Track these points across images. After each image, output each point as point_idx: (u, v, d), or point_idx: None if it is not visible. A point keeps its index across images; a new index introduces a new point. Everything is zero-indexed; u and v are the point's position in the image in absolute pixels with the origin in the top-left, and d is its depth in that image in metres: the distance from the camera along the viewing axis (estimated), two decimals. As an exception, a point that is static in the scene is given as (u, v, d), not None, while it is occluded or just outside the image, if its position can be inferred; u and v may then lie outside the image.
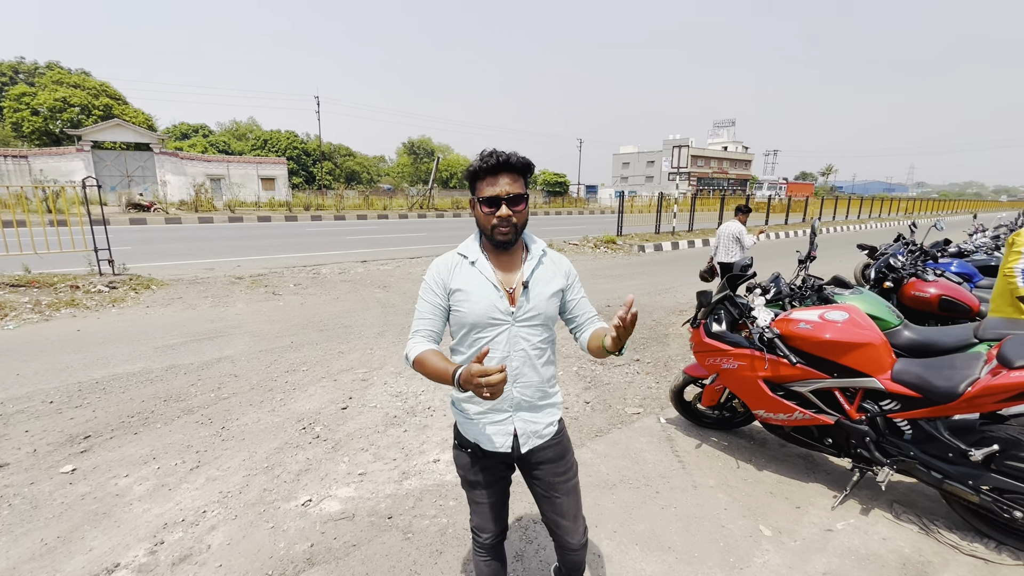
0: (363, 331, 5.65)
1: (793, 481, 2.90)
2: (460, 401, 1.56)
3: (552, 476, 1.59)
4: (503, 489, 1.66)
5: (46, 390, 3.91)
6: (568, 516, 1.62)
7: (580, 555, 1.68)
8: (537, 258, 1.54)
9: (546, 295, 1.51)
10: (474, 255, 1.51)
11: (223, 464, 2.96)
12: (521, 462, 1.60)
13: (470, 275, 1.49)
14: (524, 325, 1.48)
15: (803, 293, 3.52)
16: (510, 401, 1.51)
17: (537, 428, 1.55)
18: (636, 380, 4.43)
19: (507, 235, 1.44)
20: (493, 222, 1.42)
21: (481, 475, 1.59)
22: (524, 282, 1.48)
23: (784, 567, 2.22)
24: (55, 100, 31.17)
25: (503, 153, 1.40)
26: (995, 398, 2.17)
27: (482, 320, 1.46)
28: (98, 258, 7.48)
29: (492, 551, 1.69)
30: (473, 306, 1.46)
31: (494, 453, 1.54)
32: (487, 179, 1.42)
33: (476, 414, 1.53)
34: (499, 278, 1.49)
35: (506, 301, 1.46)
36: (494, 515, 1.64)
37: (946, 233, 6.95)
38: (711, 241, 15.46)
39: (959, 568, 2.22)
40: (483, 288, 1.47)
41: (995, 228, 9.75)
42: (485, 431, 1.53)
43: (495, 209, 1.41)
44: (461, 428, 1.59)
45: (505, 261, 1.52)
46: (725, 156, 72.71)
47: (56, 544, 2.27)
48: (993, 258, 6.15)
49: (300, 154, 47.02)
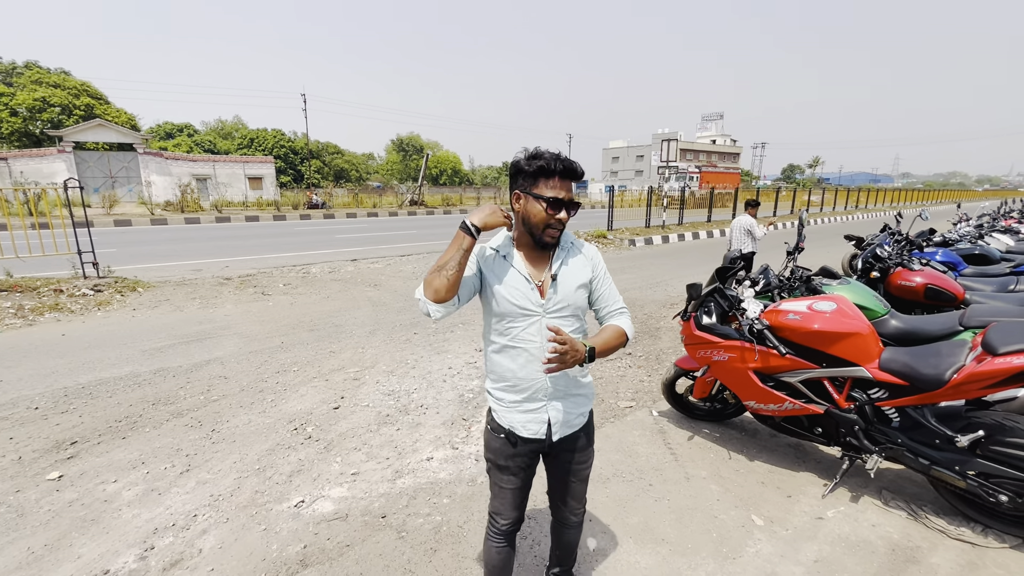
0: (354, 330, 5.62)
1: (784, 471, 2.93)
2: (496, 390, 1.62)
3: (573, 464, 1.69)
4: (529, 476, 1.70)
5: (31, 396, 3.84)
6: (576, 498, 1.76)
7: (576, 532, 1.84)
8: (567, 250, 1.59)
9: (573, 287, 1.56)
10: (506, 250, 1.57)
11: (214, 467, 2.93)
12: (550, 449, 1.65)
13: (503, 267, 1.55)
14: (554, 316, 1.54)
15: (792, 284, 3.54)
16: (544, 391, 1.57)
17: (569, 417, 1.62)
18: (628, 374, 4.45)
19: (556, 237, 1.51)
20: (550, 222, 1.47)
21: (512, 461, 1.63)
22: (553, 275, 1.54)
23: (776, 555, 2.25)
24: (34, 100, 30.53)
25: (567, 158, 1.46)
26: (980, 384, 2.21)
27: (513, 311, 1.52)
28: (82, 261, 7.35)
29: (507, 538, 1.74)
30: (506, 297, 1.51)
31: (528, 440, 1.60)
32: (555, 180, 1.45)
33: (512, 402, 1.59)
34: (529, 271, 1.54)
35: (536, 293, 1.52)
36: (516, 501, 1.69)
37: (931, 223, 7.04)
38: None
39: (947, 552, 2.26)
40: (514, 280, 1.52)
41: (978, 217, 9.91)
42: (520, 418, 1.58)
43: (556, 211, 1.46)
44: (496, 415, 1.64)
45: (537, 256, 1.57)
46: (714, 149, 73.05)
47: (43, 552, 2.24)
48: (977, 247, 6.24)
49: (287, 152, 46.59)
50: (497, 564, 1.76)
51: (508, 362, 1.56)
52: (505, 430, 1.61)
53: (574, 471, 1.70)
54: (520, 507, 1.71)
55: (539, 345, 1.52)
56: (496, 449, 1.65)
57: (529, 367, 1.54)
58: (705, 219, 18.63)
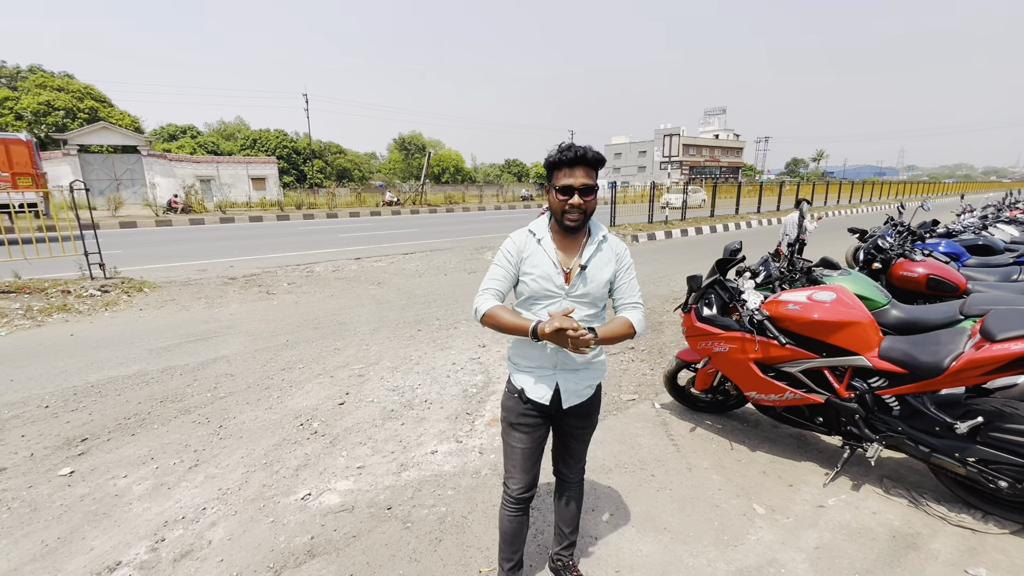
0: (358, 327, 5.66)
1: (786, 460, 2.95)
2: (515, 356, 1.78)
3: (575, 428, 1.84)
4: (538, 439, 1.81)
5: (41, 395, 3.90)
6: (575, 457, 1.91)
7: (575, 495, 1.97)
8: (597, 243, 1.69)
9: (600, 281, 1.67)
10: (541, 233, 1.70)
11: (222, 462, 2.97)
12: (557, 413, 1.78)
13: (536, 251, 1.68)
14: (576, 301, 1.65)
15: (792, 276, 3.55)
16: (554, 362, 1.71)
17: (578, 388, 1.74)
18: (631, 367, 4.47)
19: (576, 221, 1.61)
20: (565, 208, 1.59)
21: (521, 419, 1.77)
22: (582, 264, 1.65)
23: (777, 543, 2.27)
24: (39, 104, 30.76)
25: (580, 147, 1.56)
26: (979, 371, 2.22)
27: (539, 292, 1.65)
28: (89, 262, 7.43)
29: (519, 505, 1.85)
30: (534, 279, 1.65)
31: (535, 402, 1.73)
32: (564, 170, 1.58)
33: (526, 367, 1.75)
34: (559, 257, 1.67)
35: (562, 278, 1.65)
36: (526, 464, 1.81)
37: (935, 214, 7.03)
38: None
39: (947, 538, 2.27)
40: (544, 264, 1.65)
41: (983, 208, 9.84)
42: (530, 380, 1.73)
43: (568, 197, 1.57)
44: (512, 377, 1.80)
45: (568, 243, 1.69)
46: (717, 144, 72.74)
47: (57, 545, 2.29)
48: (981, 237, 6.22)
49: (290, 153, 46.70)
50: (510, 531, 1.88)
51: None
52: (518, 390, 1.76)
53: (575, 434, 1.85)
54: (529, 471, 1.82)
55: None
56: (509, 407, 1.81)
57: (545, 344, 1.64)
58: (708, 214, 18.60)
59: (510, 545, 1.89)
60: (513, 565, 1.92)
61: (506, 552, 1.91)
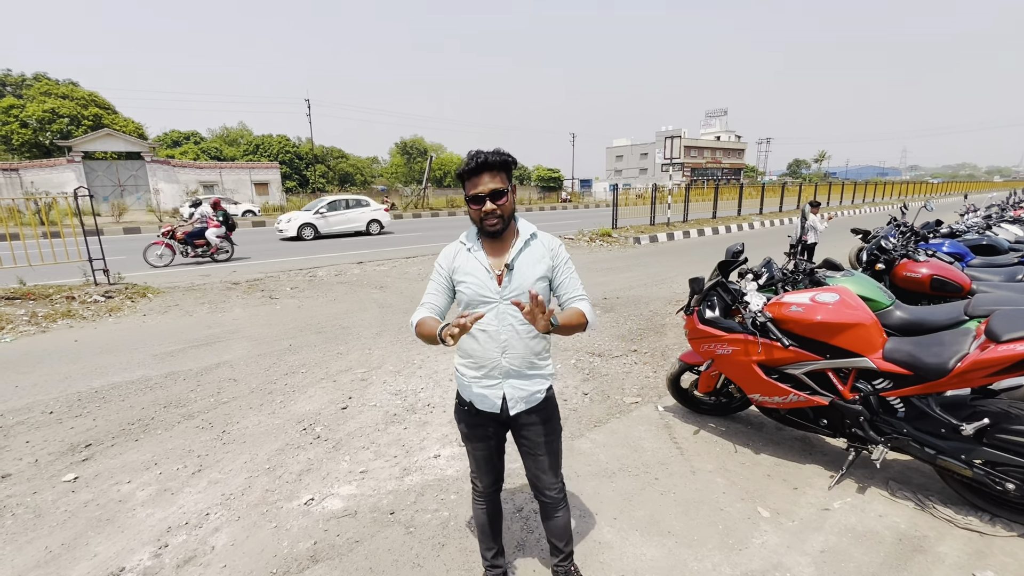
0: (361, 332, 5.67)
1: (790, 463, 2.93)
2: (461, 365, 1.77)
3: (537, 436, 1.79)
4: (495, 445, 1.85)
5: (45, 401, 3.92)
6: (547, 471, 1.84)
7: (558, 512, 1.89)
8: (524, 241, 1.69)
9: (531, 277, 1.65)
10: (471, 243, 1.71)
11: (225, 467, 2.98)
12: (511, 423, 1.79)
13: (468, 260, 1.68)
14: (511, 303, 1.60)
15: (795, 277, 3.54)
16: (500, 369, 1.69)
17: (524, 394, 1.73)
18: (634, 370, 4.46)
19: (495, 226, 1.62)
20: (481, 216, 1.61)
21: (475, 430, 1.81)
22: (508, 264, 1.65)
23: (782, 546, 2.25)
24: (44, 112, 30.93)
25: (482, 153, 1.56)
26: (984, 372, 2.20)
27: (475, 298, 1.65)
28: (92, 268, 7.47)
29: (488, 499, 1.92)
30: (468, 286, 1.66)
31: (486, 412, 1.75)
32: (472, 179, 1.59)
33: (472, 378, 1.74)
34: (490, 262, 1.67)
35: (495, 282, 1.65)
36: (486, 466, 1.88)
37: (938, 214, 7.00)
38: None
39: (954, 541, 2.25)
40: (477, 271, 1.66)
41: (986, 208, 9.80)
42: (478, 393, 1.73)
43: (480, 206, 1.59)
44: (460, 389, 1.82)
45: (497, 246, 1.70)
46: (718, 146, 72.67)
47: (60, 551, 2.29)
48: (985, 237, 6.18)
49: (293, 158, 46.81)
50: (484, 522, 1.95)
51: (471, 343, 1.70)
52: (467, 402, 1.78)
53: (539, 444, 1.79)
54: (492, 472, 1.89)
55: (497, 328, 1.65)
56: (461, 419, 1.84)
57: (488, 348, 1.67)
58: (710, 215, 18.57)
59: (487, 535, 1.97)
60: (495, 552, 1.99)
61: (486, 542, 1.98)
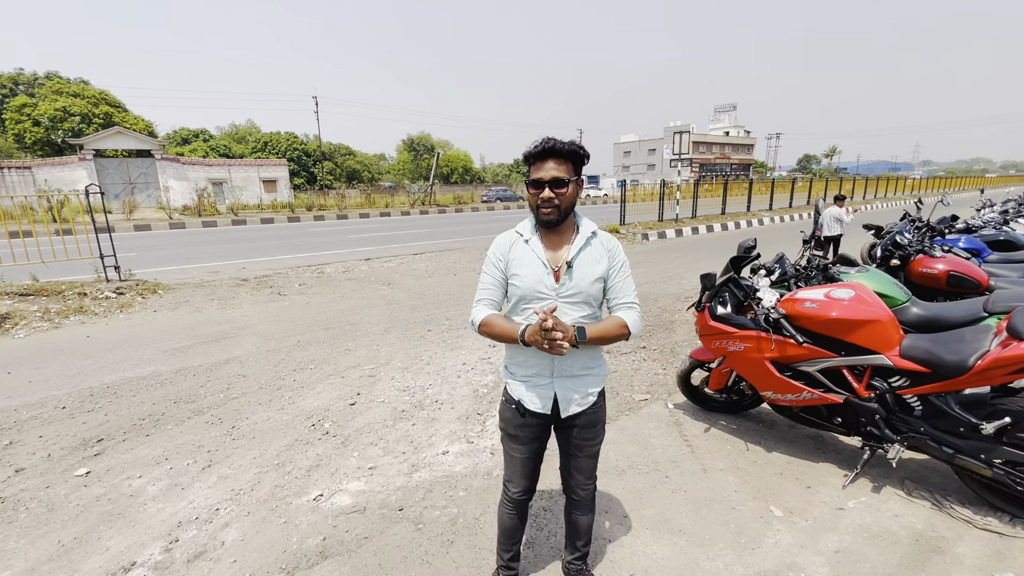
0: (369, 328, 5.67)
1: (803, 461, 2.89)
2: (511, 365, 1.73)
3: (581, 440, 1.75)
4: (538, 449, 1.78)
5: (58, 396, 3.95)
6: (584, 473, 1.82)
7: (585, 512, 1.88)
8: (585, 239, 1.63)
9: (589, 278, 1.60)
10: (528, 234, 1.65)
11: (234, 462, 2.99)
12: (559, 424, 1.74)
13: (524, 252, 1.63)
14: (567, 301, 1.59)
15: (808, 273, 3.49)
16: (551, 369, 1.65)
17: (577, 396, 1.68)
18: (643, 367, 4.42)
19: (549, 215, 1.56)
20: (537, 202, 1.55)
21: (520, 431, 1.74)
22: (568, 262, 1.59)
23: (796, 546, 2.22)
24: (55, 110, 31.32)
25: (551, 140, 1.52)
26: (1006, 370, 2.15)
27: (530, 293, 1.60)
28: (104, 265, 7.54)
29: (518, 507, 1.86)
30: (523, 280, 1.60)
31: (535, 413, 1.69)
32: (536, 163, 1.54)
33: (523, 377, 1.69)
34: (548, 256, 1.61)
35: (552, 278, 1.59)
36: (525, 470, 1.80)
37: (953, 209, 6.87)
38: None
39: (973, 542, 2.21)
40: (533, 264, 1.60)
41: (1003, 203, 9.62)
42: (528, 393, 1.68)
43: (539, 191, 1.53)
44: (509, 387, 1.76)
45: (554, 240, 1.64)
46: (727, 141, 72.04)
47: (73, 545, 2.31)
48: (1002, 233, 6.07)
49: (300, 155, 47.07)
50: (508, 527, 1.90)
51: None
52: (515, 401, 1.72)
53: (581, 447, 1.76)
54: (529, 477, 1.82)
55: None
56: (507, 418, 1.76)
57: None
58: (719, 211, 18.41)
59: (509, 538, 1.93)
60: (512, 556, 1.96)
61: (505, 544, 1.95)
